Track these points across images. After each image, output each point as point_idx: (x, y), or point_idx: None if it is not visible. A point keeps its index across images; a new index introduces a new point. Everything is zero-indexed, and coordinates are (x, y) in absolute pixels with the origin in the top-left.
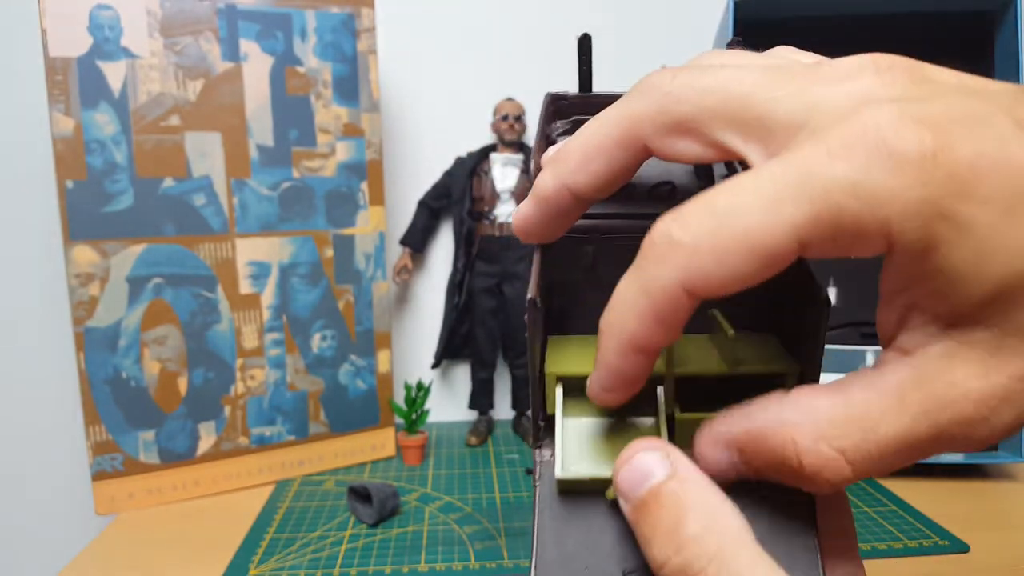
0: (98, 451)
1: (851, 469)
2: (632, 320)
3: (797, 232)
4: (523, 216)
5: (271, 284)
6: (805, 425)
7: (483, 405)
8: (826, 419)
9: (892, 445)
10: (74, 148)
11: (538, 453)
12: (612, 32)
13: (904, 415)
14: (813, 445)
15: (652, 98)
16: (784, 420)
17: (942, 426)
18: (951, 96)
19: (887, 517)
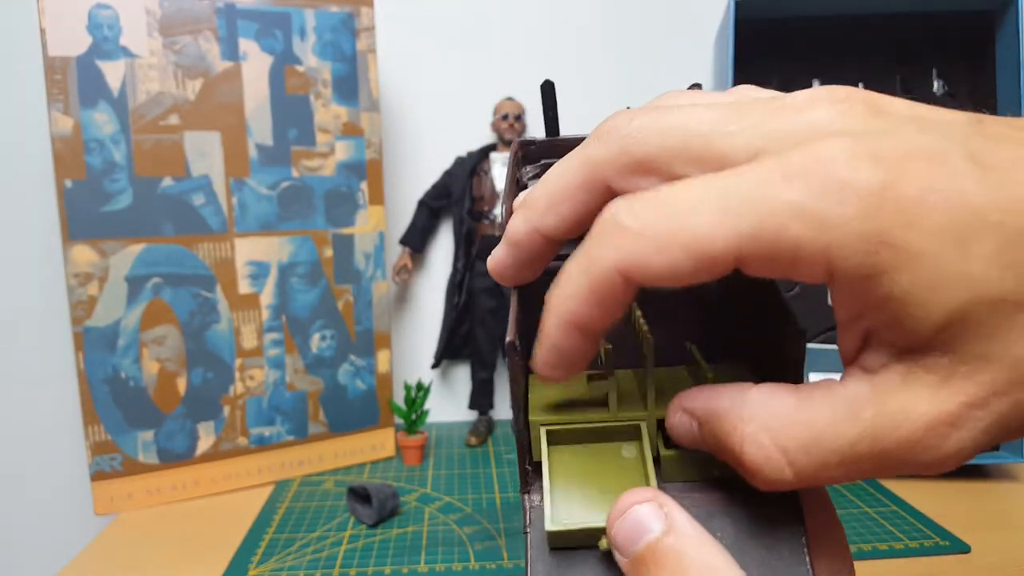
0: (97, 451)
1: (791, 471)
2: (572, 298)
3: (738, 242)
4: (497, 260)
5: (270, 284)
6: (756, 417)
7: (483, 405)
8: (777, 416)
9: (835, 456)
10: (73, 147)
11: (527, 498)
12: (612, 32)
13: (852, 429)
14: (756, 437)
15: (612, 141)
16: (740, 407)
17: (887, 447)
18: (905, 130)
19: (887, 517)
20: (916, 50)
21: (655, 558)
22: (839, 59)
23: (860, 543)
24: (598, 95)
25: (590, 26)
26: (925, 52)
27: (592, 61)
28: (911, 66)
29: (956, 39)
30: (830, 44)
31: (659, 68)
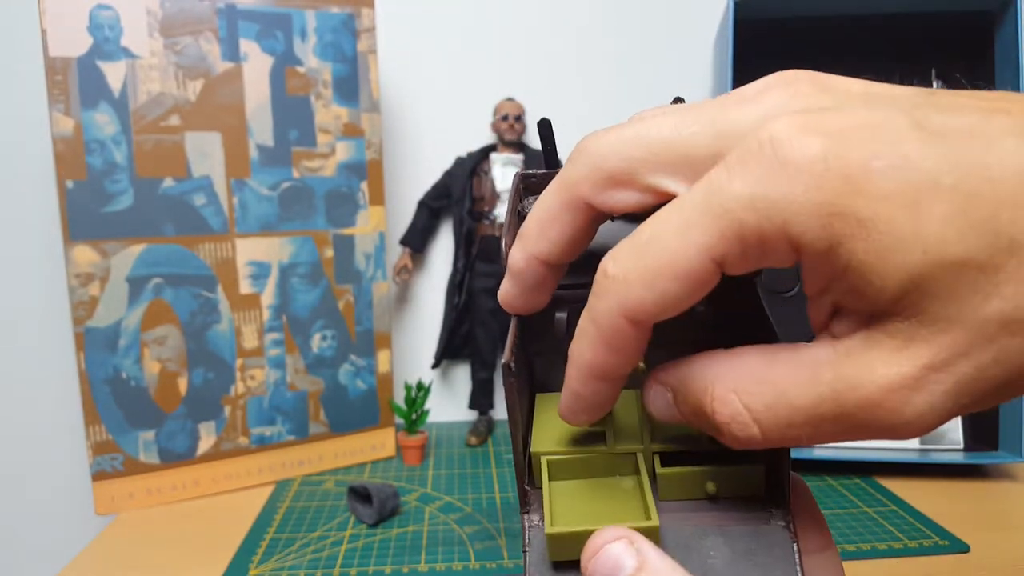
0: (98, 451)
1: (757, 428)
2: (588, 350)
3: (709, 252)
4: (504, 292)
5: (271, 284)
6: (723, 377)
7: (483, 405)
8: (745, 376)
9: (798, 415)
10: (74, 148)
11: (526, 518)
12: (612, 32)
13: (814, 389)
14: (725, 395)
15: (584, 161)
16: (710, 368)
17: (848, 408)
18: (852, 104)
19: (887, 517)
20: (916, 50)
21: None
22: (839, 59)
23: (860, 543)
24: (598, 95)
25: (590, 26)
26: (925, 52)
27: (592, 61)
28: (911, 66)
29: (956, 39)
30: (830, 44)
31: (659, 68)
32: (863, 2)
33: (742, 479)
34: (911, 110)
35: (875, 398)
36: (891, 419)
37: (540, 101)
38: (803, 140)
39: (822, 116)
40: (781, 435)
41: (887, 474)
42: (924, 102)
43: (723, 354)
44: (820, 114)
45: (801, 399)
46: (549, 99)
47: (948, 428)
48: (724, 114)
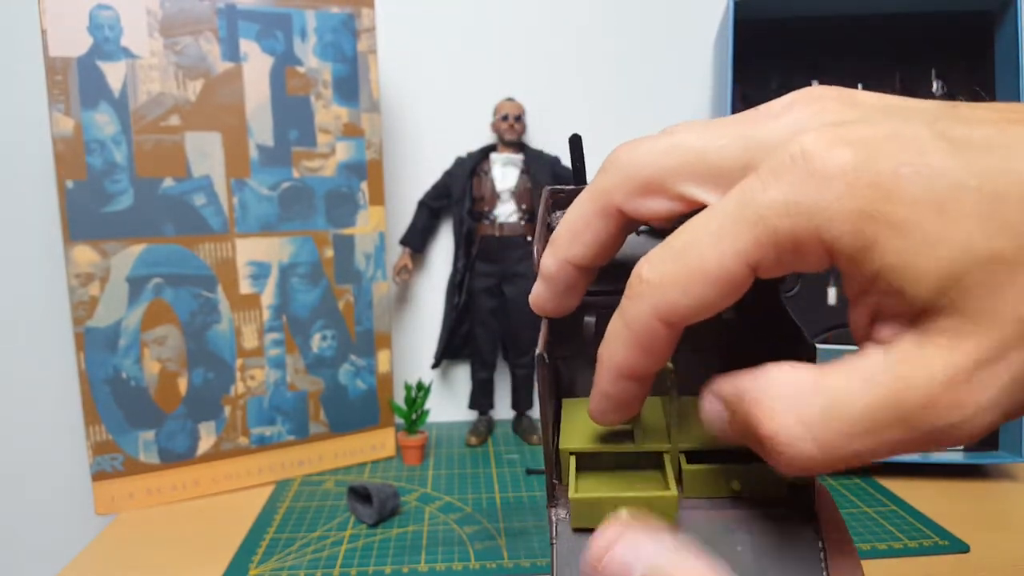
0: (98, 451)
1: (815, 445)
2: (620, 351)
3: (744, 257)
4: (536, 295)
5: (271, 284)
6: (778, 392)
7: (483, 405)
8: (798, 390)
9: (858, 425)
10: (74, 148)
11: (553, 512)
12: (612, 32)
13: (870, 394)
14: (780, 411)
15: (617, 170)
16: (762, 384)
17: (908, 409)
18: (877, 117)
19: (887, 517)
20: (916, 50)
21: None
22: (839, 60)
23: (860, 543)
24: (598, 95)
25: (590, 26)
26: (925, 52)
27: (592, 61)
28: (911, 66)
29: (956, 39)
30: (830, 44)
31: (659, 68)
32: (863, 2)
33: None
34: (933, 122)
35: (935, 395)
36: (952, 416)
37: (540, 101)
38: (833, 151)
39: (850, 128)
40: (840, 449)
41: (887, 474)
42: (945, 115)
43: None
44: (848, 127)
45: (858, 405)
46: (549, 99)
47: None
48: (753, 128)
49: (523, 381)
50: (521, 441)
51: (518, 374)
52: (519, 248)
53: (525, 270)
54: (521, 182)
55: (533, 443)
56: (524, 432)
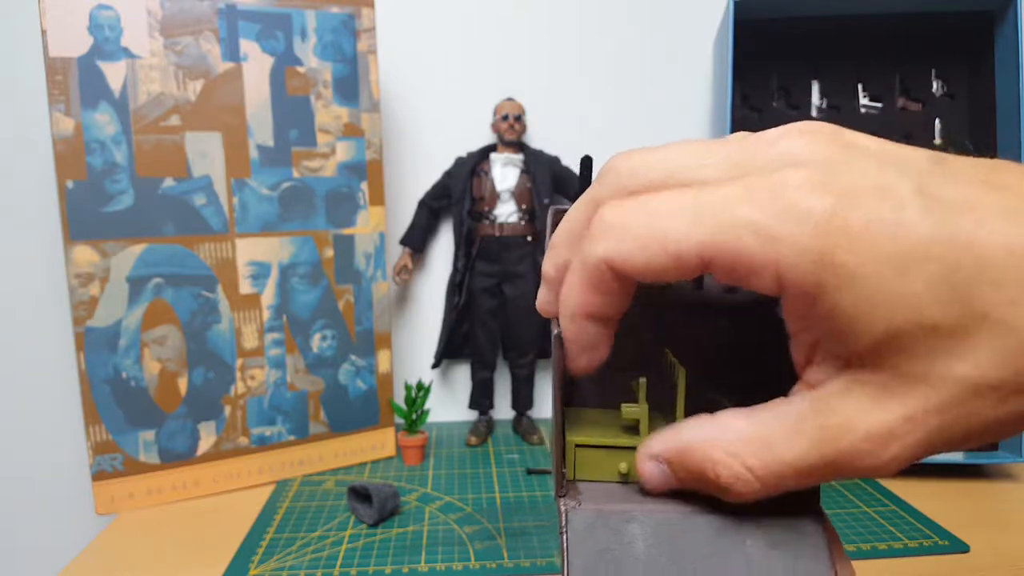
0: (98, 451)
1: (759, 483)
2: (575, 290)
3: (702, 248)
4: (540, 299)
5: (271, 284)
6: (720, 443)
7: (483, 405)
8: (738, 439)
9: (791, 467)
10: (74, 148)
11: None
12: (612, 33)
13: (799, 443)
14: (726, 459)
15: (611, 180)
16: (705, 438)
17: (832, 456)
18: (863, 163)
19: (887, 517)
20: (915, 50)
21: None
22: (838, 59)
23: (860, 543)
24: (598, 95)
25: (590, 27)
26: (925, 52)
27: (592, 61)
28: (910, 66)
29: (956, 39)
30: (829, 44)
31: (659, 68)
32: (863, 2)
33: None
34: (918, 175)
35: (856, 447)
36: (870, 463)
37: (540, 101)
38: (814, 193)
39: (835, 173)
40: (778, 484)
41: None
42: (933, 169)
43: (710, 420)
44: (833, 170)
45: (790, 453)
46: (549, 99)
47: None
48: (743, 152)
49: (523, 381)
50: (521, 441)
51: (518, 374)
52: (519, 248)
53: (525, 270)
54: (521, 182)
55: (533, 443)
56: (524, 432)
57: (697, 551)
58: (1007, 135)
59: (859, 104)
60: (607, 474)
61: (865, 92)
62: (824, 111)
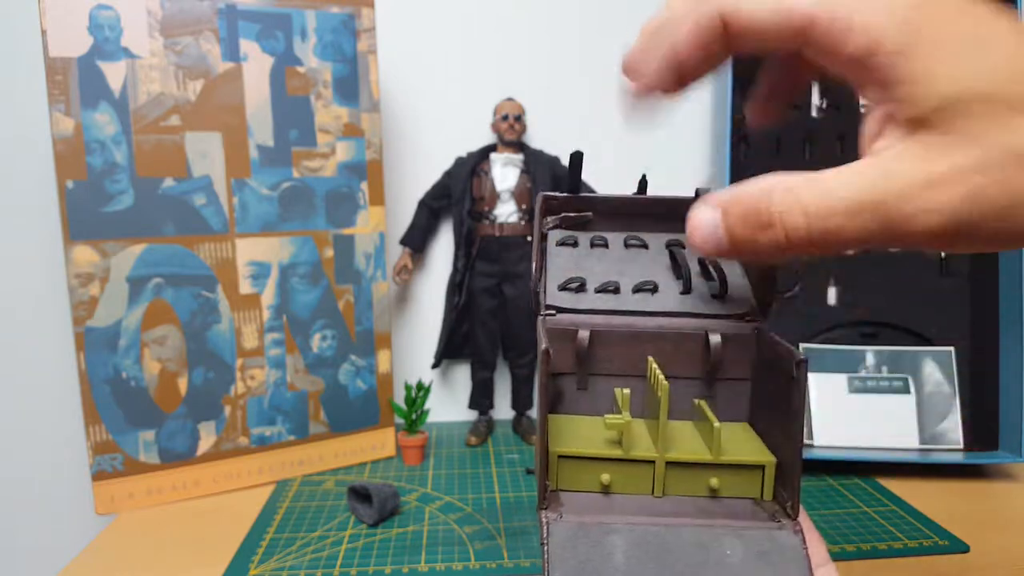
0: (98, 451)
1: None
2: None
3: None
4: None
5: (271, 284)
6: (779, 182)
7: (483, 405)
8: (797, 180)
9: (842, 203)
10: (74, 148)
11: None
12: (612, 32)
13: (854, 184)
14: (783, 194)
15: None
16: (764, 180)
17: (881, 195)
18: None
19: (887, 517)
20: None
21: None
22: None
23: (860, 543)
24: (598, 95)
25: (590, 26)
26: None
27: (592, 61)
28: None
29: None
30: None
31: None
32: None
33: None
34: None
35: (905, 190)
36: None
37: (540, 101)
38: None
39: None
40: (823, 225)
41: (887, 474)
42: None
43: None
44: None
45: (845, 191)
46: (549, 99)
47: (948, 428)
48: None
49: (523, 381)
50: (521, 441)
51: (518, 374)
52: (519, 248)
53: (525, 270)
54: (521, 182)
55: (533, 443)
56: (524, 432)
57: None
58: None
59: (859, 104)
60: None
61: None
62: (824, 111)
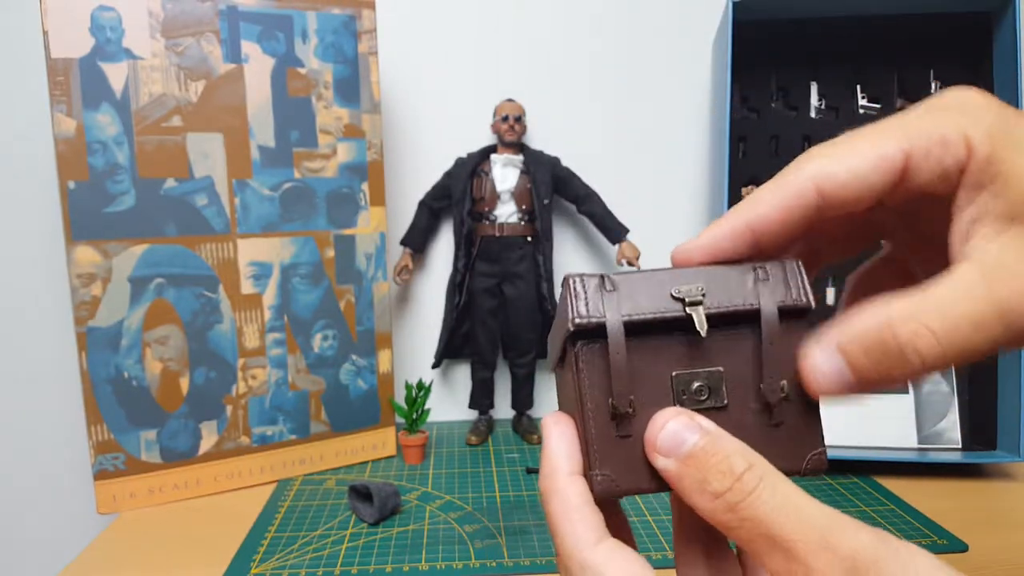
0: (100, 450)
1: (939, 342)
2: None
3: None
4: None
5: (272, 284)
6: (896, 313)
7: (483, 405)
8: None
9: (968, 320)
10: (76, 149)
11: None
12: (611, 34)
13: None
14: (906, 323)
15: None
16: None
17: (1005, 299)
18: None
19: (887, 517)
20: (914, 52)
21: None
22: (837, 61)
23: None
24: (598, 95)
25: (590, 27)
26: (923, 54)
27: (592, 62)
28: (909, 68)
29: (955, 40)
30: (828, 46)
31: (658, 69)
32: (862, 3)
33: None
34: None
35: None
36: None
37: (540, 102)
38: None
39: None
40: (955, 343)
41: (886, 474)
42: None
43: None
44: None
45: (965, 306)
46: (549, 100)
47: (947, 428)
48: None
49: (523, 381)
50: (521, 440)
51: (518, 374)
52: (519, 249)
53: (525, 270)
54: (521, 183)
55: (533, 442)
56: (524, 431)
57: None
58: None
59: (857, 105)
60: None
61: (864, 93)
62: (823, 112)
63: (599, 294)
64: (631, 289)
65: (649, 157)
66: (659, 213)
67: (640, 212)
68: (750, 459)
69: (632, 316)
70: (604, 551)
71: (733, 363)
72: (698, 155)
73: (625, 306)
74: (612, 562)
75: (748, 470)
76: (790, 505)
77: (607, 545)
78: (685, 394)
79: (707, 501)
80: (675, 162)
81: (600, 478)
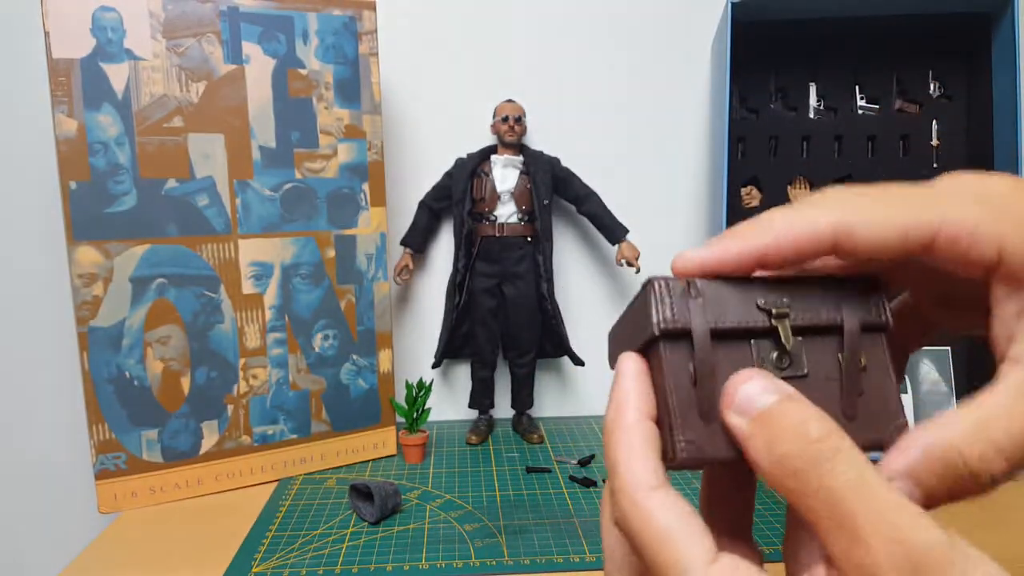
0: (101, 450)
1: (1006, 458)
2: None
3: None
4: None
5: (273, 284)
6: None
7: (483, 404)
8: (971, 424)
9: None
10: (77, 149)
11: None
12: (611, 36)
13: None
14: (970, 444)
15: None
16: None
17: None
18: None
19: None
20: (913, 52)
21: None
22: (836, 61)
23: None
24: (598, 96)
25: (589, 28)
26: (921, 54)
27: (591, 63)
28: (908, 68)
29: (954, 40)
30: (827, 47)
31: (658, 71)
32: (861, 3)
33: None
34: None
35: None
36: None
37: (540, 103)
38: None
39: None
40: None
41: None
42: None
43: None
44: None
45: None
46: (549, 101)
47: None
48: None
49: (523, 380)
50: (521, 440)
51: (518, 373)
52: (519, 249)
53: (525, 271)
54: (521, 183)
55: (533, 442)
56: (524, 431)
57: None
58: (1004, 136)
59: (856, 106)
60: None
61: (862, 94)
62: (821, 112)
63: (684, 300)
64: (716, 296)
65: (648, 157)
66: (658, 213)
67: (640, 212)
68: (828, 427)
69: (717, 324)
70: (659, 498)
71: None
72: (697, 155)
73: (710, 313)
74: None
75: (824, 437)
76: (865, 485)
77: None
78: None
79: (773, 464)
80: (674, 162)
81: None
